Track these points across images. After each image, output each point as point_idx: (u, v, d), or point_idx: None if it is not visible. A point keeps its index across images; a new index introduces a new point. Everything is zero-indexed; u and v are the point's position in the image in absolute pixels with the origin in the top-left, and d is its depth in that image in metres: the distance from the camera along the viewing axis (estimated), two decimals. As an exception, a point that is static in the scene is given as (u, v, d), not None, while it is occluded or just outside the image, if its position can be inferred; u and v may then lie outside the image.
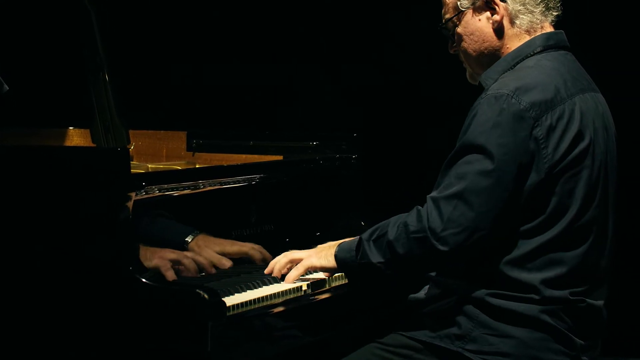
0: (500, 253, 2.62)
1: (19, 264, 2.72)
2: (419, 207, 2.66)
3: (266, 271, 2.91)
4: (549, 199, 2.59)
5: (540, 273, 2.60)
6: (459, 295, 2.68)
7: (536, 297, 2.60)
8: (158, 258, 2.79)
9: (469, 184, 2.57)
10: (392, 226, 2.67)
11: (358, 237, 2.78)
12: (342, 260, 2.78)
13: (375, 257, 2.68)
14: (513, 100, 2.58)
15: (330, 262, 2.81)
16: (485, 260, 2.63)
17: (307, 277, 2.91)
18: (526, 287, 2.61)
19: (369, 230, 2.74)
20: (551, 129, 2.59)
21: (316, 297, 2.89)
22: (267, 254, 3.07)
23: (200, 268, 2.89)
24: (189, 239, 2.93)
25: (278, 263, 2.89)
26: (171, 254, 2.83)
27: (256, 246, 3.07)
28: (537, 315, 2.60)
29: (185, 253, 2.89)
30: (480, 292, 2.63)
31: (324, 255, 2.83)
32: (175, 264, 2.82)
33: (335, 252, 2.80)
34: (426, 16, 4.18)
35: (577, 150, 2.61)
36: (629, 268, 3.93)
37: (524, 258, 2.61)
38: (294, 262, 2.87)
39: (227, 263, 2.96)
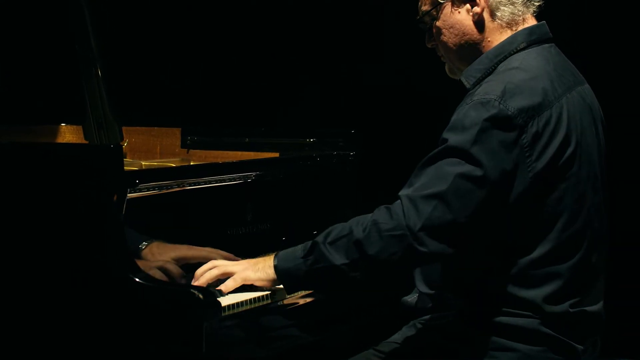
0: (496, 269, 2.60)
1: (9, 263, 2.71)
2: (387, 206, 2.60)
3: (193, 281, 2.76)
4: (539, 210, 2.57)
5: (539, 289, 2.59)
6: (456, 311, 2.67)
7: (536, 316, 2.60)
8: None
9: (450, 186, 2.52)
10: (356, 226, 2.59)
11: (299, 245, 2.68)
12: (284, 271, 2.67)
13: (338, 259, 2.58)
14: (501, 105, 2.54)
15: (269, 274, 2.70)
16: (482, 277, 2.62)
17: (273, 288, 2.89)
18: (526, 305, 2.60)
19: (322, 234, 2.64)
20: (537, 136, 2.55)
21: (313, 297, 2.89)
22: (231, 256, 2.97)
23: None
24: (142, 246, 2.88)
25: (208, 273, 2.74)
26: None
27: (214, 250, 2.96)
28: (538, 327, 2.60)
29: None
30: (479, 308, 2.63)
31: (260, 267, 2.71)
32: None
33: (275, 263, 2.69)
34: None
35: (563, 158, 2.58)
36: (629, 268, 3.92)
37: (521, 275, 2.59)
38: (225, 275, 2.75)
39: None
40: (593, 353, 2.71)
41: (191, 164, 3.61)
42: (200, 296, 2.54)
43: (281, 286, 2.73)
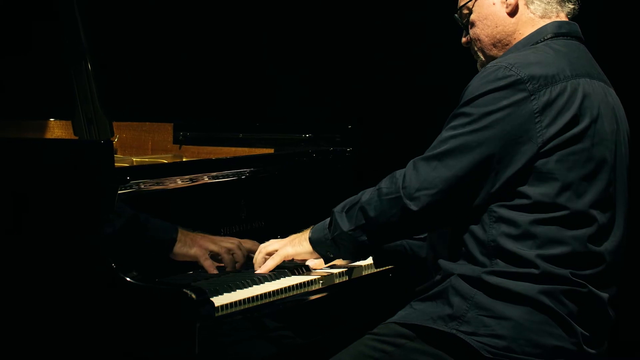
0: (498, 228, 2.62)
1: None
2: (395, 172, 2.70)
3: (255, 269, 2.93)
4: (544, 176, 2.60)
5: (540, 249, 2.60)
6: (455, 274, 2.66)
7: (535, 271, 2.59)
8: (197, 247, 2.88)
9: (451, 145, 2.61)
10: (364, 193, 2.74)
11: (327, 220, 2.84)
12: (316, 241, 2.84)
13: (347, 225, 2.74)
14: (511, 72, 2.62)
15: (305, 246, 2.87)
16: (482, 235, 2.63)
17: (298, 277, 2.90)
18: (525, 261, 2.60)
19: (342, 203, 2.79)
20: (548, 104, 2.61)
21: (309, 297, 2.89)
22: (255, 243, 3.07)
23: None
24: (175, 235, 2.90)
25: (257, 260, 2.95)
26: (211, 245, 2.91)
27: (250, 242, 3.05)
28: (536, 296, 2.59)
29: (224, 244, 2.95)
30: (477, 270, 2.63)
31: (297, 241, 2.89)
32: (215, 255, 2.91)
33: (309, 234, 2.86)
34: (422, 8, 4.19)
35: (574, 130, 2.61)
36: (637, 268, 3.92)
37: (523, 233, 2.61)
38: (271, 254, 2.93)
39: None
40: (599, 350, 2.69)
41: (183, 160, 3.60)
42: (193, 296, 2.53)
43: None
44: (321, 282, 2.95)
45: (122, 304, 2.59)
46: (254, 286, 2.81)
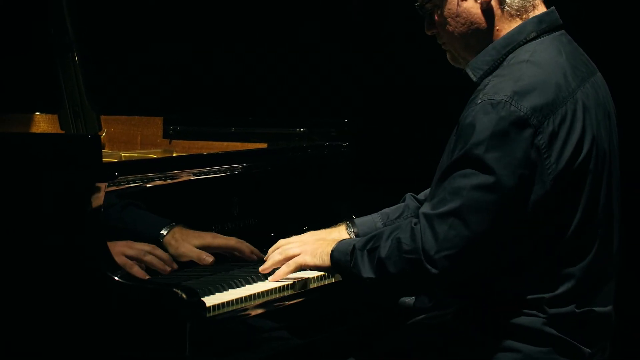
0: (504, 272, 2.59)
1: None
2: (414, 221, 2.61)
3: (261, 268, 2.88)
4: (554, 213, 2.56)
5: (548, 292, 2.58)
6: (456, 309, 2.66)
7: (541, 314, 2.59)
8: (120, 255, 2.77)
9: (466, 200, 2.52)
10: (385, 240, 2.63)
11: (353, 239, 2.76)
12: (337, 262, 2.75)
13: (367, 271, 2.65)
14: (512, 107, 2.52)
15: (325, 261, 2.78)
16: (487, 280, 2.61)
17: (292, 275, 2.89)
18: (530, 306, 2.59)
19: (365, 239, 2.70)
20: (553, 135, 2.54)
21: (303, 297, 2.88)
22: (254, 249, 3.06)
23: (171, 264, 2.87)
24: (164, 231, 2.90)
25: (272, 259, 2.87)
26: (132, 250, 2.80)
27: (240, 240, 3.05)
28: (541, 327, 2.59)
29: (149, 248, 2.86)
30: (479, 306, 2.62)
31: (319, 254, 2.79)
32: (139, 260, 2.81)
33: (332, 251, 2.76)
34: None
35: (582, 156, 2.57)
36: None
37: (530, 277, 2.58)
38: (289, 259, 2.85)
39: (208, 259, 2.94)
40: (602, 358, 2.69)
41: (174, 155, 3.60)
42: (184, 295, 2.53)
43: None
44: (317, 281, 2.95)
45: (110, 304, 2.58)
46: (247, 285, 2.81)
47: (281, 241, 2.90)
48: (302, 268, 2.84)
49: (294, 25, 4.60)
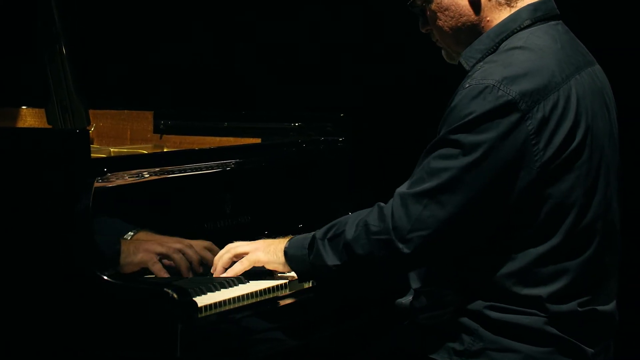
0: (498, 265, 2.59)
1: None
2: (381, 205, 2.62)
3: (214, 273, 2.87)
4: (544, 202, 2.55)
5: (545, 287, 2.57)
6: (455, 307, 2.65)
7: (541, 314, 2.59)
8: (144, 252, 2.79)
9: (443, 181, 2.53)
10: (351, 225, 2.64)
11: (311, 233, 2.75)
12: (292, 257, 2.76)
13: (331, 259, 2.66)
14: (500, 92, 2.53)
15: (279, 257, 2.79)
16: (482, 273, 2.60)
17: (288, 274, 2.89)
18: (530, 303, 2.58)
19: (324, 228, 2.71)
20: (543, 121, 2.54)
21: (298, 297, 2.88)
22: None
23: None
24: (127, 236, 2.88)
25: (221, 259, 2.86)
26: (161, 247, 2.82)
27: (206, 243, 2.98)
28: (543, 327, 2.58)
29: (180, 246, 2.87)
30: (478, 305, 2.61)
31: (272, 250, 2.81)
32: (167, 257, 2.82)
33: (286, 247, 2.77)
34: None
35: (573, 146, 2.56)
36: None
37: (525, 271, 2.58)
38: (239, 257, 2.85)
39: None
40: (605, 358, 2.69)
41: (164, 150, 3.59)
42: (175, 295, 2.52)
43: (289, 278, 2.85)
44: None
45: (99, 304, 2.58)
46: (240, 285, 2.81)
47: (229, 245, 2.90)
48: (255, 265, 2.83)
49: (287, 18, 4.60)
